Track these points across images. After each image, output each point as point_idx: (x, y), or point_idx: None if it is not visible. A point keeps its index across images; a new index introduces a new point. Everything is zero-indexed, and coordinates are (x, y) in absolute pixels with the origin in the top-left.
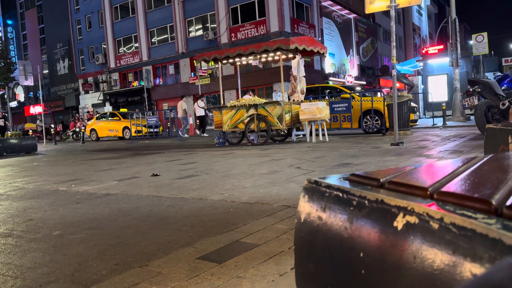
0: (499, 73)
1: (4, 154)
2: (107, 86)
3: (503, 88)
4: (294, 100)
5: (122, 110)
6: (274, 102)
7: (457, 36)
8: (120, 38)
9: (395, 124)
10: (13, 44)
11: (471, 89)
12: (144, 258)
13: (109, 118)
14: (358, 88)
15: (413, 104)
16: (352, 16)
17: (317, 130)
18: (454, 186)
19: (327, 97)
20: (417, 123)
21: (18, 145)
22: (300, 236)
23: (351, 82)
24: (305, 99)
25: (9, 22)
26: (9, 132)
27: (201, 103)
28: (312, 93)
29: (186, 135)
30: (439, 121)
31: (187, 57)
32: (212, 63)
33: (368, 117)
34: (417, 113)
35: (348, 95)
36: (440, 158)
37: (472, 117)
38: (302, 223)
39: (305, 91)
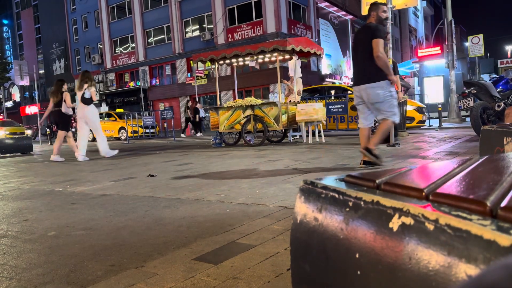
0: (495, 75)
1: None
2: (103, 86)
3: (498, 90)
4: (290, 101)
5: (118, 110)
6: (271, 103)
7: (453, 38)
8: (116, 38)
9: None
10: (9, 44)
11: (466, 91)
12: (140, 259)
13: (105, 119)
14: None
15: (421, 104)
16: (348, 17)
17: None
18: (450, 187)
19: (333, 97)
20: (424, 124)
21: (14, 145)
22: (296, 237)
23: (348, 84)
24: (310, 99)
25: (5, 21)
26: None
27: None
28: (318, 93)
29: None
30: (435, 123)
31: (183, 58)
32: (209, 63)
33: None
34: (425, 113)
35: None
36: (436, 159)
37: (468, 119)
38: (298, 224)
39: (301, 92)
